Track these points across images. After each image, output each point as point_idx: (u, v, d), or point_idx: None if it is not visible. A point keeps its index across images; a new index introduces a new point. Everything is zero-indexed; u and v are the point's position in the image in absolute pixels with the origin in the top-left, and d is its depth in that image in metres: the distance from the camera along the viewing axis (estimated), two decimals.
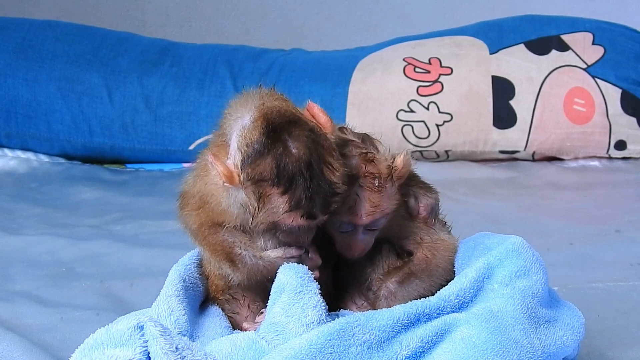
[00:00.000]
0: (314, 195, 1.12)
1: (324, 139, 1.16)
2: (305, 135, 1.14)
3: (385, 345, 1.08)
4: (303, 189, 1.12)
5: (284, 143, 1.13)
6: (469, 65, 3.08)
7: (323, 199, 1.13)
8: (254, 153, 1.14)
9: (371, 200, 1.19)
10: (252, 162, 1.13)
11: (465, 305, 1.16)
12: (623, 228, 2.15)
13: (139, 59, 3.16)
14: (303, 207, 1.12)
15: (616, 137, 3.01)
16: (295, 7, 4.12)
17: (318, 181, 1.12)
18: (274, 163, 1.12)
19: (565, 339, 1.17)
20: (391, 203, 1.21)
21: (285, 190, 1.12)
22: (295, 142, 1.13)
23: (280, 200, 1.13)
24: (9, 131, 3.07)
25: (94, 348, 1.06)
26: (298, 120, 1.16)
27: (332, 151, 1.16)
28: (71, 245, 2.02)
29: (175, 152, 3.04)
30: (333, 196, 1.13)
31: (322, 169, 1.13)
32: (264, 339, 1.12)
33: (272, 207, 1.14)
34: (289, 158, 1.12)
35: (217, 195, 1.20)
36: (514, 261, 1.20)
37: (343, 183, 1.15)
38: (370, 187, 1.19)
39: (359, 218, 1.19)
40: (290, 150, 1.13)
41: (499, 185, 2.74)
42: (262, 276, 1.20)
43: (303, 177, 1.12)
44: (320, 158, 1.13)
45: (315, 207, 1.13)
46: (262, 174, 1.13)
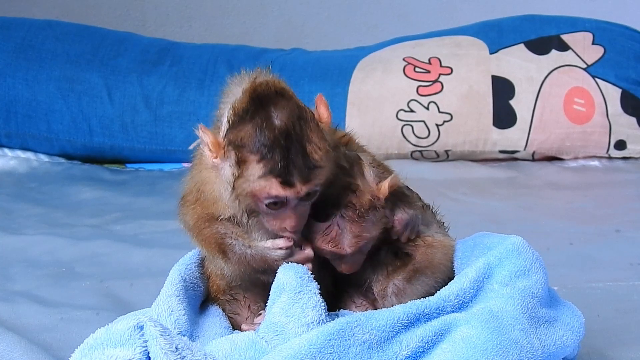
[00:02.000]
0: (290, 164, 1.12)
1: (310, 117, 1.16)
2: (290, 108, 1.15)
3: (385, 345, 1.08)
4: (280, 157, 1.12)
5: (267, 112, 1.14)
6: (469, 65, 3.08)
7: (300, 169, 1.12)
8: (238, 120, 1.15)
9: (353, 231, 1.19)
10: (234, 128, 1.15)
11: (465, 305, 1.16)
12: (623, 228, 2.15)
13: (139, 58, 3.16)
14: (278, 173, 1.12)
15: (616, 137, 3.01)
16: (295, 7, 4.12)
17: (297, 153, 1.12)
18: (254, 130, 1.13)
19: (565, 339, 1.17)
20: (375, 230, 1.21)
21: (262, 158, 1.12)
22: (279, 112, 1.14)
23: (257, 167, 1.13)
24: (9, 131, 3.07)
25: (94, 348, 1.06)
26: (286, 94, 1.17)
27: (316, 129, 1.16)
28: (71, 245, 2.02)
29: (175, 152, 3.04)
30: (312, 169, 1.13)
31: (303, 143, 1.13)
32: (264, 339, 1.12)
33: (249, 174, 1.14)
34: (269, 127, 1.13)
35: (210, 181, 1.21)
36: (514, 261, 1.20)
37: (324, 160, 1.15)
38: (351, 218, 1.19)
39: (342, 249, 1.20)
40: (272, 119, 1.13)
41: (499, 185, 2.74)
42: (253, 268, 1.19)
43: (280, 146, 1.12)
44: (302, 132, 1.14)
45: (291, 176, 1.12)
46: (242, 140, 1.14)
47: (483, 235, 1.30)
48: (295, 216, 1.16)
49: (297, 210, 1.16)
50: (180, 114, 3.04)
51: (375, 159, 1.29)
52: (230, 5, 4.14)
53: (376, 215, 1.21)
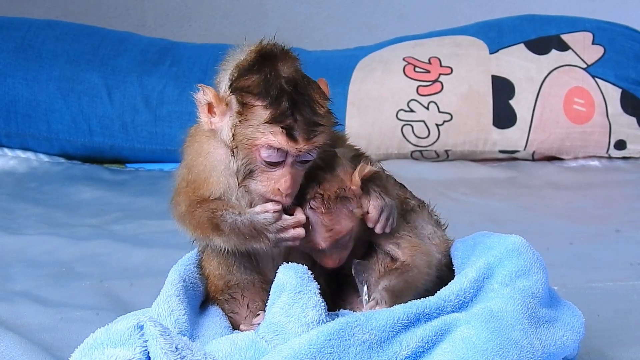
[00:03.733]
0: (297, 114, 1.12)
1: (311, 79, 1.18)
2: (296, 65, 1.17)
3: (385, 345, 1.08)
4: (289, 104, 1.12)
5: (275, 66, 1.15)
6: (469, 65, 3.08)
7: (306, 123, 1.12)
8: (243, 71, 1.16)
9: (324, 223, 1.19)
10: (239, 77, 1.16)
11: (465, 305, 1.16)
12: (623, 228, 2.15)
13: (138, 58, 3.16)
14: (286, 121, 1.12)
15: (616, 136, 3.01)
16: (295, 7, 4.12)
17: (304, 105, 1.13)
18: (262, 78, 1.14)
19: (566, 339, 1.17)
20: (349, 222, 1.20)
21: (270, 104, 1.12)
22: (286, 66, 1.16)
23: (263, 113, 1.13)
24: (9, 131, 3.07)
25: (94, 348, 1.06)
26: (292, 54, 1.19)
27: (318, 89, 1.17)
28: (71, 245, 2.02)
29: (175, 152, 3.00)
30: (315, 125, 1.13)
31: (309, 98, 1.14)
32: (264, 338, 1.12)
33: (253, 119, 1.13)
34: (277, 76, 1.14)
35: (202, 155, 1.21)
36: (515, 261, 1.20)
37: (325, 119, 1.15)
38: (319, 209, 1.19)
39: (318, 245, 1.20)
40: (280, 71, 1.15)
41: (499, 185, 2.74)
42: (244, 236, 1.18)
43: (289, 95, 1.13)
44: (307, 88, 1.15)
45: (297, 128, 1.12)
46: (248, 87, 1.14)
47: (483, 235, 1.30)
48: (290, 177, 1.15)
49: (294, 172, 1.16)
50: (180, 114, 3.04)
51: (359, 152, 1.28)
52: (230, 5, 4.14)
53: (347, 206, 1.20)
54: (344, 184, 1.20)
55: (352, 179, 1.21)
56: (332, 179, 1.21)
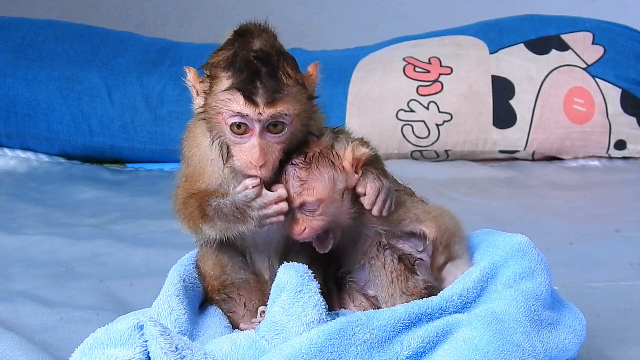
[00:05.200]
0: (257, 82, 1.14)
1: (290, 57, 1.20)
2: (270, 40, 1.19)
3: (386, 345, 1.08)
4: (248, 73, 1.14)
5: (246, 40, 1.18)
6: (469, 64, 3.08)
7: (266, 89, 1.14)
8: (218, 49, 1.20)
9: (298, 176, 1.19)
10: (213, 54, 1.20)
11: (468, 305, 1.16)
12: (623, 228, 2.15)
13: (138, 58, 3.16)
14: (243, 87, 1.14)
15: (616, 136, 3.01)
16: (295, 7, 4.12)
17: (267, 74, 1.14)
18: (231, 52, 1.17)
19: (567, 342, 1.17)
20: (324, 188, 1.19)
21: (234, 74, 1.15)
22: (258, 41, 1.18)
23: (226, 82, 1.16)
24: (9, 131, 3.07)
25: (94, 347, 1.06)
26: (270, 32, 1.21)
27: (292, 63, 1.19)
28: (71, 245, 2.02)
29: (175, 152, 3.01)
30: (277, 91, 1.15)
31: (275, 69, 1.16)
32: (264, 338, 1.12)
33: (218, 89, 1.17)
34: (246, 50, 1.16)
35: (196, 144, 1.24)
36: (519, 262, 1.19)
37: (292, 89, 1.17)
38: (299, 163, 1.19)
39: (289, 196, 1.18)
40: (250, 45, 1.17)
41: (498, 185, 2.74)
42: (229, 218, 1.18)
43: (252, 65, 1.15)
44: (277, 61, 1.17)
45: (256, 94, 1.14)
46: (218, 62, 1.18)
47: (487, 233, 1.30)
48: (260, 147, 1.16)
49: (263, 142, 1.16)
50: (180, 114, 3.04)
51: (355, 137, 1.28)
52: (230, 5, 4.14)
53: (329, 171, 1.20)
54: (331, 150, 1.21)
55: (344, 154, 1.21)
56: (320, 143, 1.22)
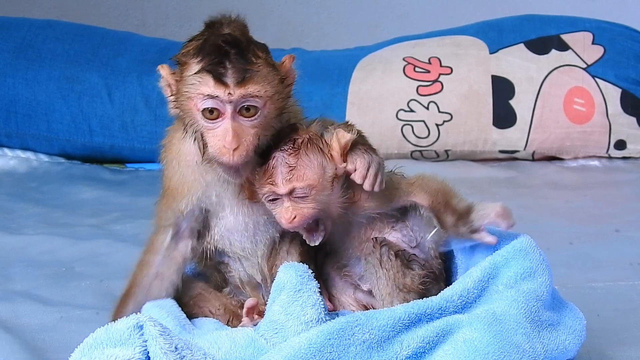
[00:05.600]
0: (226, 63, 1.14)
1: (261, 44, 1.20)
2: (240, 28, 1.19)
3: (386, 345, 1.08)
4: (217, 55, 1.14)
5: (216, 28, 1.18)
6: (469, 64, 3.07)
7: (235, 68, 1.14)
8: (189, 40, 1.20)
9: (287, 163, 1.18)
10: (184, 46, 1.20)
11: (468, 305, 1.16)
12: (623, 228, 2.15)
13: (138, 58, 3.16)
14: (212, 70, 1.14)
15: (616, 136, 3.01)
16: (295, 7, 4.12)
17: (235, 55, 1.14)
18: (200, 40, 1.18)
19: (568, 343, 1.17)
20: (313, 173, 1.19)
21: (202, 58, 1.16)
22: (228, 27, 1.18)
23: (194, 67, 1.16)
24: (9, 131, 3.07)
25: (94, 347, 1.06)
26: (239, 21, 1.21)
27: (263, 48, 1.19)
28: (71, 245, 2.02)
29: None
30: (247, 72, 1.14)
31: (244, 50, 1.15)
32: (263, 336, 1.12)
33: (186, 75, 1.17)
34: (214, 35, 1.17)
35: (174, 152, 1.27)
36: (521, 262, 1.19)
37: (261, 69, 1.16)
38: (287, 150, 1.19)
39: (276, 184, 1.18)
40: (219, 31, 1.17)
41: (499, 185, 2.74)
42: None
43: (220, 49, 1.15)
44: (246, 45, 1.16)
45: (225, 75, 1.14)
46: (187, 51, 1.18)
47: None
48: (233, 130, 1.15)
49: (235, 125, 1.16)
50: None
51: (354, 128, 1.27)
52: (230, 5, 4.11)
53: (318, 158, 1.19)
54: (319, 137, 1.21)
55: (331, 141, 1.21)
56: (308, 130, 1.22)
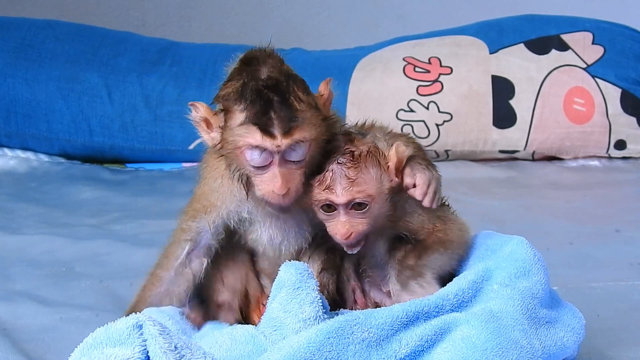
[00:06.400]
0: (271, 113, 1.14)
1: (299, 79, 1.19)
2: (278, 66, 1.18)
3: (385, 344, 1.09)
4: (261, 104, 1.14)
5: (254, 69, 1.18)
6: (469, 64, 3.08)
7: (281, 119, 1.14)
8: (227, 80, 1.20)
9: (347, 175, 1.17)
10: (223, 86, 1.20)
11: (464, 304, 1.17)
12: (623, 228, 2.15)
13: (138, 58, 3.16)
14: (258, 121, 1.14)
15: (616, 136, 3.01)
16: (295, 7, 4.12)
17: (279, 103, 1.14)
18: (240, 83, 1.17)
19: (566, 340, 1.17)
20: (372, 185, 1.18)
21: (245, 107, 1.15)
22: (266, 68, 1.17)
23: (240, 116, 1.16)
24: (9, 131, 3.07)
25: (93, 347, 1.06)
26: (276, 57, 1.20)
27: (302, 86, 1.18)
28: (71, 245, 2.02)
29: (175, 152, 3.04)
30: (292, 120, 1.14)
31: (286, 95, 1.15)
32: (263, 333, 1.13)
33: (232, 124, 1.16)
34: (254, 79, 1.16)
35: (211, 177, 1.24)
36: (513, 263, 1.20)
37: (306, 114, 1.16)
38: (346, 162, 1.18)
39: (334, 194, 1.17)
40: (258, 73, 1.17)
41: (499, 185, 2.74)
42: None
43: (262, 96, 1.14)
44: (287, 86, 1.16)
45: (271, 125, 1.14)
46: (228, 93, 1.18)
47: (486, 236, 1.30)
48: (281, 176, 1.16)
49: (283, 171, 1.16)
50: (180, 114, 3.04)
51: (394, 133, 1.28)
52: (230, 5, 4.14)
53: (376, 170, 1.19)
54: (378, 149, 1.20)
55: (389, 155, 1.20)
56: (366, 141, 1.21)
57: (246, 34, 4.06)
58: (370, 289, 1.29)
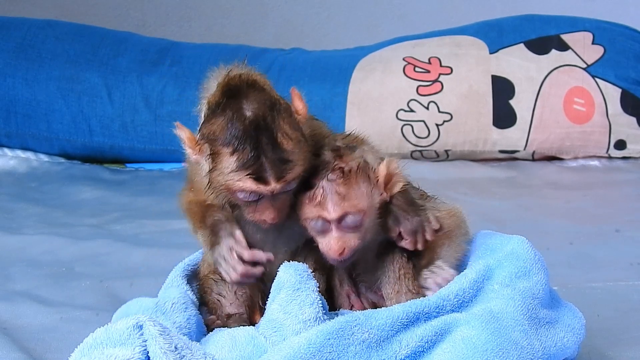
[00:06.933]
0: (262, 157, 1.12)
1: (283, 108, 1.17)
2: (261, 99, 1.15)
3: (385, 345, 1.08)
4: (251, 149, 1.12)
5: (238, 104, 1.14)
6: (469, 64, 3.08)
7: (273, 162, 1.12)
8: (211, 113, 1.17)
9: (338, 192, 1.16)
10: (207, 121, 1.16)
11: (465, 304, 1.16)
12: (623, 228, 2.15)
13: (138, 58, 3.16)
14: (251, 169, 1.12)
15: (616, 136, 3.01)
16: (295, 7, 4.12)
17: (268, 144, 1.12)
18: (225, 123, 1.14)
19: (566, 340, 1.17)
20: (364, 200, 1.18)
21: (234, 150, 1.13)
22: (250, 104, 1.14)
23: (230, 160, 1.14)
24: (8, 131, 3.07)
25: (94, 347, 1.06)
26: (257, 86, 1.17)
27: (288, 119, 1.16)
28: (71, 245, 2.02)
29: (175, 152, 3.03)
30: (284, 163, 1.13)
31: (274, 133, 1.13)
32: (263, 334, 1.13)
33: (222, 167, 1.15)
34: (240, 118, 1.13)
35: (197, 173, 1.22)
36: (514, 262, 1.20)
37: (295, 151, 1.14)
38: (337, 179, 1.17)
39: (326, 211, 1.16)
40: (242, 111, 1.14)
41: (498, 185, 2.74)
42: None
43: (251, 138, 1.12)
44: (273, 122, 1.14)
45: (265, 172, 1.13)
46: (214, 133, 1.15)
47: (486, 235, 1.30)
48: (274, 208, 1.16)
49: (276, 203, 1.16)
50: (180, 114, 3.04)
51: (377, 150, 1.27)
52: (230, 5, 4.14)
53: (367, 185, 1.19)
54: (368, 164, 1.19)
55: (379, 168, 1.20)
56: (355, 157, 1.20)
57: (246, 34, 4.06)
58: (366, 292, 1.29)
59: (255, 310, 1.27)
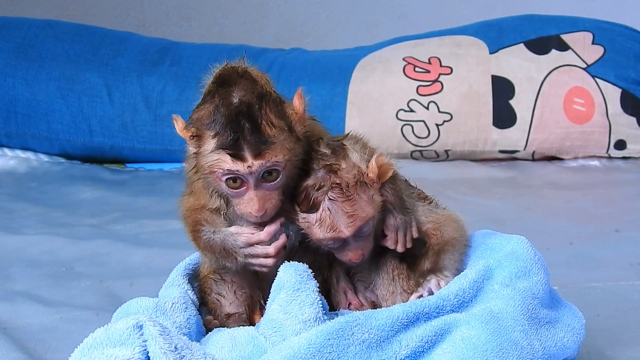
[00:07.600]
0: (241, 138, 1.14)
1: (272, 99, 1.18)
2: (250, 88, 1.18)
3: (385, 345, 1.08)
4: (231, 132, 1.14)
5: (227, 91, 1.18)
6: (469, 64, 3.08)
7: (251, 143, 1.14)
8: (202, 100, 1.21)
9: (345, 210, 1.18)
10: (197, 108, 1.21)
11: (465, 305, 1.16)
12: (623, 228, 2.15)
13: (138, 58, 3.16)
14: (228, 146, 1.14)
15: (616, 136, 3.01)
16: (295, 7, 4.12)
17: (250, 128, 1.14)
18: (212, 108, 1.18)
19: (566, 340, 1.17)
20: (370, 208, 1.19)
21: (216, 133, 1.16)
22: (239, 92, 1.17)
23: (211, 142, 1.16)
24: (8, 131, 3.07)
25: (93, 348, 1.06)
26: (248, 76, 1.20)
27: (275, 109, 1.18)
28: (71, 245, 2.02)
29: (175, 152, 3.04)
30: (263, 143, 1.15)
31: (257, 120, 1.15)
32: (263, 335, 1.13)
33: (204, 149, 1.18)
34: (226, 104, 1.16)
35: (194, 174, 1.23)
36: (514, 262, 1.20)
37: (278, 137, 1.16)
38: (339, 198, 1.18)
39: (341, 232, 1.18)
40: (230, 98, 1.17)
41: (498, 185, 2.74)
42: (215, 254, 1.21)
43: (233, 122, 1.15)
44: (259, 110, 1.16)
45: (241, 149, 1.14)
46: (201, 118, 1.19)
47: (486, 235, 1.30)
48: (258, 198, 1.17)
49: (260, 193, 1.17)
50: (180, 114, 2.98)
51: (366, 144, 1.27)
52: (230, 5, 4.14)
53: (367, 192, 1.19)
54: (361, 171, 1.20)
55: (369, 167, 1.20)
56: (348, 168, 1.20)
57: (246, 34, 4.06)
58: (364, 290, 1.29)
59: (255, 310, 1.28)
